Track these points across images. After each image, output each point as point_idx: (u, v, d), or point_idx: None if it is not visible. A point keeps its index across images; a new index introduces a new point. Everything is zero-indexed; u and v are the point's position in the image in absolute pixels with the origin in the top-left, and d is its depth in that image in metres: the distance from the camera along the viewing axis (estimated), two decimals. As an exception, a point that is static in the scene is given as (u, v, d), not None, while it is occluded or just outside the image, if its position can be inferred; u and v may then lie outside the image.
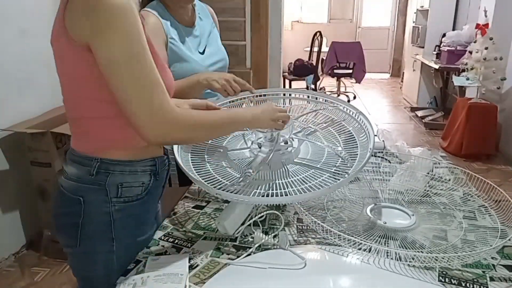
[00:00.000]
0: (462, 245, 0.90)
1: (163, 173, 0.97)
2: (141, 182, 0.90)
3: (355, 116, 1.15)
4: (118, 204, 0.86)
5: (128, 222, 0.89)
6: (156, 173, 0.93)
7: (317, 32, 5.56)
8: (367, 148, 1.00)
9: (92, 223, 0.87)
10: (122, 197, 0.87)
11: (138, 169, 0.89)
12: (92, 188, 0.85)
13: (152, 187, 0.93)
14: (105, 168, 0.85)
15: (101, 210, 0.86)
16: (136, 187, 0.89)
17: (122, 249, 0.89)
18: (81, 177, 0.86)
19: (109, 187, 0.85)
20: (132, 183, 0.88)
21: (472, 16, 4.60)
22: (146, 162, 0.90)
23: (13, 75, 2.17)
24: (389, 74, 8.28)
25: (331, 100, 1.24)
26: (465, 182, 1.20)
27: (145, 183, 0.90)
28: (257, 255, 0.89)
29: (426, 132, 4.59)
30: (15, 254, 2.22)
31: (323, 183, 0.93)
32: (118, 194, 0.86)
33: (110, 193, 0.85)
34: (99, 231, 0.87)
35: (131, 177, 0.88)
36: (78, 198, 0.85)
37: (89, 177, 0.85)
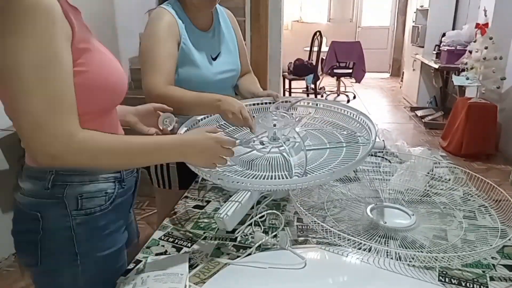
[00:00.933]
0: (462, 245, 0.90)
1: (130, 180, 0.91)
2: (104, 192, 0.82)
3: (355, 116, 1.15)
4: (79, 217, 0.79)
5: (93, 235, 0.82)
6: (120, 180, 0.86)
7: (317, 32, 5.56)
8: (369, 141, 1.00)
9: (52, 240, 0.80)
10: (83, 209, 0.80)
11: (99, 177, 0.82)
12: (49, 203, 0.79)
13: (117, 196, 0.86)
14: (61, 180, 0.78)
15: (60, 225, 0.79)
16: (99, 197, 0.82)
17: (90, 264, 0.83)
18: (37, 192, 0.79)
19: (68, 199, 0.78)
20: (94, 193, 0.81)
21: (472, 16, 4.60)
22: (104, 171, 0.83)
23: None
24: (389, 73, 8.28)
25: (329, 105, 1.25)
26: (465, 182, 1.20)
27: (109, 193, 0.83)
28: (257, 255, 0.89)
29: (426, 131, 4.59)
30: (15, 254, 2.22)
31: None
32: (79, 207, 0.79)
33: (69, 206, 0.79)
34: (60, 247, 0.81)
35: (91, 186, 0.81)
36: (35, 214, 0.79)
37: (45, 191, 0.78)
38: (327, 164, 1.00)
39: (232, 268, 0.85)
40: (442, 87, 5.12)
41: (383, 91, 6.95)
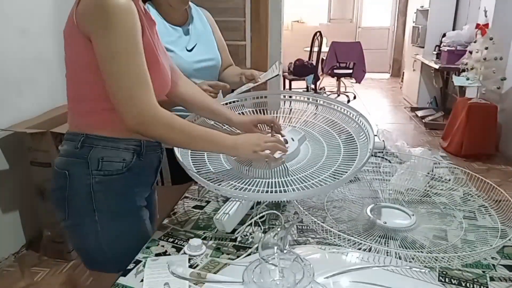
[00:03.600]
0: (462, 245, 0.90)
1: (151, 156, 1.02)
2: (122, 159, 0.95)
3: (355, 117, 1.15)
4: (98, 176, 0.92)
5: (108, 195, 0.94)
6: (139, 153, 0.98)
7: (317, 32, 5.56)
8: (366, 148, 1.00)
9: (76, 195, 0.93)
10: (102, 170, 0.93)
11: (120, 146, 0.94)
12: (76, 162, 0.93)
13: (134, 166, 0.97)
14: (89, 143, 0.92)
15: (83, 182, 0.92)
16: (117, 162, 0.94)
17: (105, 219, 0.95)
18: (69, 152, 0.94)
19: (91, 160, 0.92)
20: (113, 158, 0.94)
21: (472, 16, 4.60)
22: (130, 141, 0.96)
23: (12, 75, 2.17)
24: (389, 74, 8.28)
25: (330, 102, 1.24)
26: (465, 182, 1.20)
27: (126, 160, 0.95)
28: (257, 255, 0.89)
29: (426, 132, 4.59)
30: (15, 254, 2.22)
31: (323, 182, 0.93)
32: (99, 167, 0.92)
33: (91, 166, 0.92)
34: (82, 203, 0.94)
35: (113, 152, 0.94)
36: (64, 172, 0.93)
37: (75, 151, 0.93)
38: (326, 168, 1.00)
39: (232, 268, 0.85)
40: (443, 88, 5.12)
41: (383, 92, 6.95)
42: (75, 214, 0.95)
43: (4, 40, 2.11)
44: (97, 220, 0.94)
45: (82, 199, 0.93)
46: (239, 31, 3.28)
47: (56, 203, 0.98)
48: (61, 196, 0.95)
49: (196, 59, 1.39)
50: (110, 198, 0.95)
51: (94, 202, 0.93)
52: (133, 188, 0.99)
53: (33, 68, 2.31)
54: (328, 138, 1.16)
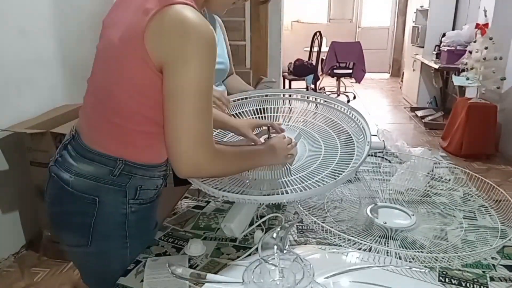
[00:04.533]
0: (462, 245, 0.90)
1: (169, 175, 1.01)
2: (156, 186, 0.92)
3: (350, 114, 1.15)
4: (134, 206, 0.88)
5: (140, 221, 0.91)
6: (166, 175, 0.97)
7: (317, 32, 5.56)
8: (363, 145, 1.00)
9: (107, 223, 0.86)
10: (138, 199, 0.88)
11: (155, 174, 0.91)
12: (111, 189, 0.84)
13: (161, 190, 0.96)
14: (128, 171, 0.85)
15: (117, 211, 0.86)
16: (151, 190, 0.91)
17: (136, 245, 0.91)
18: (100, 177, 0.84)
19: (129, 189, 0.86)
20: (149, 186, 0.90)
21: (472, 16, 4.60)
22: (161, 167, 0.93)
23: (12, 75, 2.17)
24: (389, 74, 8.28)
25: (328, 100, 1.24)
26: (465, 182, 1.20)
27: (158, 187, 0.94)
28: (257, 255, 0.89)
29: (426, 132, 4.59)
30: (15, 254, 2.22)
31: (321, 181, 0.93)
32: (136, 196, 0.87)
33: (128, 195, 0.86)
34: (114, 230, 0.88)
35: (150, 181, 0.90)
36: (93, 198, 0.84)
37: (110, 177, 0.84)
38: (324, 167, 1.00)
39: (232, 268, 0.85)
40: (442, 88, 5.11)
41: (383, 92, 6.95)
42: (103, 241, 0.88)
43: (4, 40, 2.10)
44: (128, 246, 0.89)
45: (114, 227, 0.87)
46: (239, 31, 3.28)
47: (72, 229, 0.89)
48: (84, 222, 0.85)
49: None
50: (142, 224, 0.92)
51: (127, 230, 0.88)
52: (156, 210, 0.98)
53: (33, 68, 2.31)
54: (325, 136, 1.16)
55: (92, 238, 0.86)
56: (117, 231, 0.88)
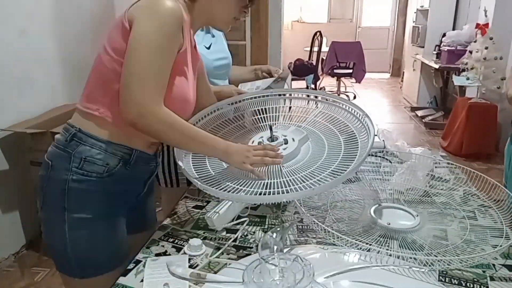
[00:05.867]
0: (465, 246, 0.89)
1: (142, 168, 1.00)
2: (106, 163, 0.91)
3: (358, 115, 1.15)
4: (76, 175, 0.89)
5: (82, 197, 0.91)
6: (127, 162, 0.94)
7: (317, 32, 5.55)
8: (366, 147, 1.00)
9: (52, 189, 0.92)
10: (82, 169, 0.89)
11: (108, 149, 0.91)
12: (61, 155, 0.91)
13: (118, 173, 0.93)
14: (78, 138, 0.91)
15: (60, 177, 0.90)
16: (99, 165, 0.91)
17: (74, 223, 0.90)
18: (58, 142, 0.93)
19: (75, 156, 0.90)
20: (96, 160, 0.90)
21: (472, 16, 4.60)
22: (120, 147, 0.93)
23: (12, 75, 2.17)
24: (389, 74, 8.28)
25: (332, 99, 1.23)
26: (465, 181, 1.20)
27: (110, 165, 0.92)
28: (257, 255, 0.89)
29: (426, 131, 4.59)
30: (15, 254, 2.22)
31: (321, 181, 0.93)
32: (79, 166, 0.89)
33: (73, 162, 0.89)
34: (54, 198, 0.91)
35: (98, 153, 0.90)
36: (48, 162, 0.92)
37: (64, 143, 0.91)
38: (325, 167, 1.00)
39: (232, 268, 0.85)
40: (443, 87, 5.11)
41: (383, 91, 6.95)
42: (47, 208, 0.94)
43: (4, 40, 2.10)
44: (65, 219, 0.90)
45: (55, 195, 0.91)
46: (239, 30, 3.27)
47: (36, 191, 0.96)
48: (41, 186, 0.94)
49: (215, 57, 1.45)
50: (84, 200, 0.91)
51: (66, 200, 0.89)
52: (111, 195, 0.94)
53: (33, 68, 2.31)
54: (329, 136, 1.16)
55: (42, 203, 0.94)
56: (57, 200, 0.90)
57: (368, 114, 1.10)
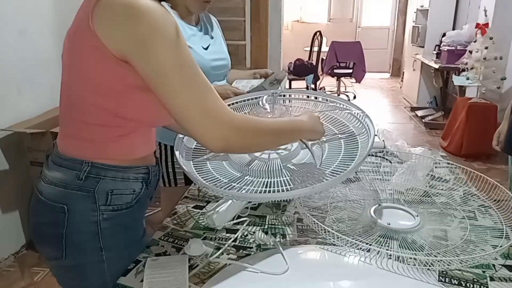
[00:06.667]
0: (465, 246, 0.89)
1: (154, 182, 0.93)
2: (132, 190, 0.84)
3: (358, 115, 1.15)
4: (106, 212, 0.81)
5: (117, 231, 0.84)
6: (148, 181, 0.89)
7: (317, 32, 5.55)
8: (366, 147, 1.00)
9: (78, 233, 0.81)
10: (111, 205, 0.81)
11: (130, 176, 0.84)
12: (79, 195, 0.79)
13: (143, 196, 0.88)
14: (95, 173, 0.79)
15: (87, 219, 0.80)
16: (127, 194, 0.84)
17: (113, 258, 0.84)
18: (67, 183, 0.79)
19: (98, 194, 0.80)
20: (123, 191, 0.83)
21: (472, 16, 4.60)
22: (139, 169, 0.86)
23: (12, 75, 2.17)
24: (389, 73, 8.28)
25: (333, 100, 1.23)
26: (465, 181, 1.20)
27: (136, 191, 0.85)
28: (257, 255, 0.89)
29: (426, 131, 4.59)
30: (15, 254, 2.22)
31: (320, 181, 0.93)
32: (107, 202, 0.81)
33: (98, 201, 0.80)
34: (86, 241, 0.81)
35: (123, 184, 0.83)
36: (61, 206, 0.79)
37: (77, 182, 0.79)
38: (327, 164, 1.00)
39: (232, 268, 0.85)
40: (443, 87, 5.11)
41: (383, 91, 6.95)
42: (77, 254, 0.82)
43: (4, 40, 2.10)
44: (104, 259, 0.82)
45: (86, 238, 0.81)
46: (239, 31, 3.28)
47: (43, 240, 0.85)
48: (56, 233, 0.80)
49: (213, 57, 1.44)
50: (118, 234, 0.84)
51: (101, 240, 0.81)
52: (139, 219, 0.91)
53: (32, 68, 2.31)
54: (329, 136, 1.16)
55: (66, 250, 0.81)
56: (91, 242, 0.81)
57: (368, 114, 1.10)
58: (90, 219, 0.80)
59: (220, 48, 1.52)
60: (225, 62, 1.52)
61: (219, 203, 1.01)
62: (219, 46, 1.52)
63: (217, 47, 1.50)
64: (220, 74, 1.50)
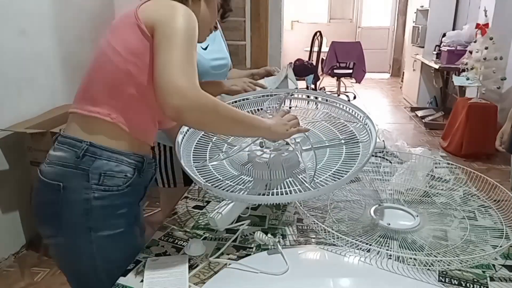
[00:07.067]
0: (465, 247, 0.89)
1: (147, 174, 0.97)
2: (124, 174, 0.88)
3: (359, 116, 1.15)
4: (98, 192, 0.85)
5: (107, 213, 0.87)
6: (140, 169, 0.92)
7: (317, 32, 5.55)
8: (367, 150, 1.00)
9: (71, 211, 0.86)
10: (102, 185, 0.86)
11: (124, 160, 0.88)
12: (74, 173, 0.85)
13: (134, 183, 0.91)
14: (92, 152, 0.85)
15: (80, 197, 0.85)
16: (118, 177, 0.88)
17: (102, 241, 0.87)
18: (66, 161, 0.86)
19: (92, 173, 0.85)
20: (115, 173, 0.87)
21: (472, 16, 4.60)
22: (133, 156, 0.90)
23: (12, 75, 2.17)
24: (389, 74, 8.28)
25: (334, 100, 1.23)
26: (465, 182, 1.20)
27: (128, 176, 0.89)
28: (257, 255, 0.89)
29: (426, 132, 4.59)
30: (15, 254, 2.22)
31: (323, 182, 0.93)
32: (100, 182, 0.85)
33: (91, 179, 0.85)
34: (77, 220, 0.86)
35: (116, 165, 0.87)
36: (57, 184, 0.85)
37: (75, 160, 0.85)
38: (329, 167, 1.00)
39: (232, 268, 0.85)
40: (443, 88, 5.11)
41: (383, 91, 6.95)
42: (69, 232, 0.87)
43: (4, 40, 2.10)
44: (92, 240, 0.86)
45: (77, 216, 0.85)
46: (239, 31, 3.28)
47: (43, 218, 0.90)
48: (52, 211, 0.87)
49: (212, 57, 1.44)
50: (108, 217, 0.88)
51: (90, 220, 0.85)
52: (129, 205, 0.92)
53: (33, 68, 2.31)
54: (331, 137, 1.16)
55: (59, 227, 0.87)
56: (81, 220, 0.85)
57: (368, 114, 1.10)
58: (82, 197, 0.85)
59: (219, 48, 1.52)
60: (225, 61, 1.51)
61: (220, 205, 1.01)
62: (218, 45, 1.52)
63: (216, 46, 1.50)
64: (220, 74, 1.49)
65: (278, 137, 0.98)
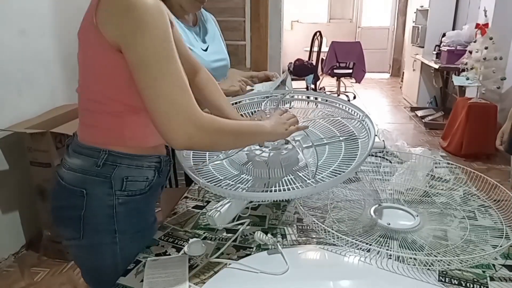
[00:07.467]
0: (465, 246, 0.89)
1: (165, 171, 0.99)
2: (146, 177, 0.91)
3: (358, 116, 1.15)
4: (121, 197, 0.87)
5: (130, 215, 0.90)
6: (160, 170, 0.94)
7: (317, 32, 5.56)
8: (366, 148, 1.00)
9: (96, 216, 0.87)
10: (126, 191, 0.87)
11: (144, 164, 0.90)
12: (96, 180, 0.85)
13: (155, 183, 0.94)
14: (112, 161, 0.86)
15: (104, 203, 0.86)
16: (140, 181, 0.90)
17: (126, 240, 0.90)
18: (86, 169, 0.86)
19: (115, 180, 0.86)
20: (137, 177, 0.89)
21: (472, 16, 4.60)
22: (152, 158, 0.92)
23: (12, 75, 2.17)
24: (389, 74, 8.28)
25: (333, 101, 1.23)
26: (465, 181, 1.20)
27: (149, 179, 0.92)
28: (257, 255, 0.89)
29: (426, 132, 4.59)
30: (15, 254, 2.22)
31: (322, 180, 0.93)
32: (123, 188, 0.87)
33: (114, 186, 0.86)
34: (102, 223, 0.87)
35: (137, 171, 0.89)
36: (81, 190, 0.85)
37: (95, 169, 0.85)
38: (328, 165, 1.00)
39: (232, 268, 0.85)
40: (442, 87, 5.12)
41: (383, 91, 6.95)
42: (93, 235, 0.89)
43: (4, 40, 2.10)
44: (117, 241, 0.89)
45: (102, 220, 0.87)
46: (239, 31, 3.27)
47: (65, 222, 0.92)
48: (76, 216, 0.87)
49: (213, 58, 1.44)
50: (132, 218, 0.90)
51: (115, 223, 0.87)
52: (150, 205, 0.96)
53: (33, 68, 2.31)
54: (330, 136, 1.16)
55: (83, 231, 0.88)
56: (106, 224, 0.87)
57: (368, 114, 1.10)
58: (107, 203, 0.86)
59: (219, 48, 1.52)
60: (225, 62, 1.51)
61: (220, 203, 1.01)
62: (218, 45, 1.51)
63: (216, 46, 1.49)
64: (220, 75, 1.50)
65: (278, 137, 0.99)
